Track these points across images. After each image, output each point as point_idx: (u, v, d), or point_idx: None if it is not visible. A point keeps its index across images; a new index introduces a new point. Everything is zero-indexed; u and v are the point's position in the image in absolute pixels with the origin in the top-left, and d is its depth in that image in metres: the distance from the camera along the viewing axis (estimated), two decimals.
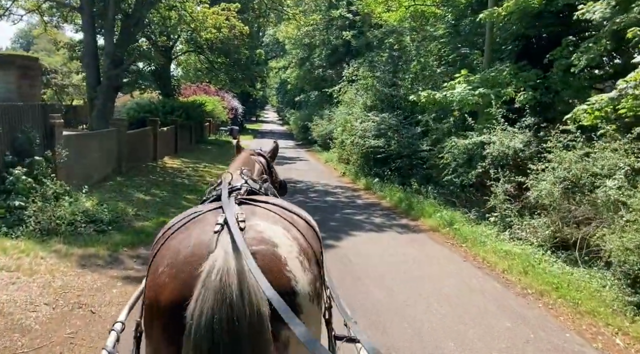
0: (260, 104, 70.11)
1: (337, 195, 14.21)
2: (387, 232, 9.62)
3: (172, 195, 12.05)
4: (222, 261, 1.59)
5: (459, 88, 11.76)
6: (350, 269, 7.07)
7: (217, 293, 1.53)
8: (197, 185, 14.05)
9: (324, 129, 28.52)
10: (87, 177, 11.11)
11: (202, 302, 1.53)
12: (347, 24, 32.67)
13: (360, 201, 13.19)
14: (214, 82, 34.90)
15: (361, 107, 18.09)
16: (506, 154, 9.98)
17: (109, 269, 6.62)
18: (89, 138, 11.93)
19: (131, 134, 15.38)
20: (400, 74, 16.44)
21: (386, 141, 15.35)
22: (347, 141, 17.76)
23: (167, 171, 16.10)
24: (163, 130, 19.76)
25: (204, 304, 1.53)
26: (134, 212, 9.60)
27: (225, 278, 1.55)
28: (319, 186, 15.91)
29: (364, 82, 18.50)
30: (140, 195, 11.32)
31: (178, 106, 23.90)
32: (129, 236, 8.12)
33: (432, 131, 13.31)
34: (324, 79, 35.55)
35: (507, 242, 8.32)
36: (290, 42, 38.90)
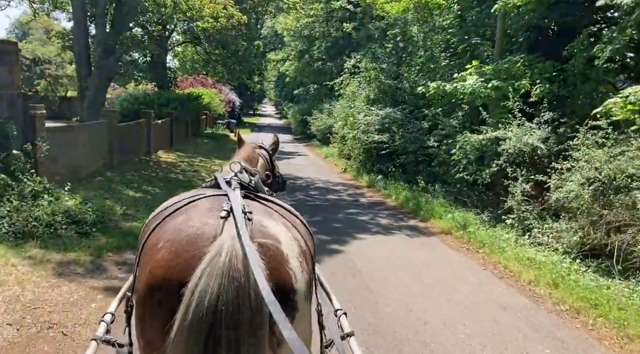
0: (258, 97, 69.27)
1: (339, 193, 13.49)
2: (395, 235, 8.91)
3: (164, 192, 11.29)
4: (230, 245, 1.55)
5: (471, 80, 11.04)
6: (359, 279, 6.37)
7: (226, 274, 1.47)
8: (192, 181, 13.32)
9: (324, 123, 27.79)
10: (74, 173, 10.36)
11: (208, 280, 1.47)
12: (347, 15, 31.85)
13: (364, 200, 12.48)
14: (211, 74, 34.06)
15: (364, 100, 17.34)
16: (523, 151, 9.29)
17: (89, 279, 5.90)
18: (76, 130, 11.17)
19: (123, 127, 14.61)
20: (405, 66, 15.68)
21: (390, 136, 14.63)
22: (348, 136, 17.03)
23: (161, 166, 15.35)
24: (158, 123, 18.99)
25: (211, 282, 1.46)
26: (122, 212, 8.87)
27: (234, 261, 1.50)
28: (320, 183, 15.19)
29: (366, 75, 17.75)
30: (131, 192, 10.58)
31: (174, 98, 23.12)
32: (115, 238, 7.40)
33: (441, 125, 12.58)
34: (323, 72, 34.75)
35: (528, 247, 7.63)
36: (289, 34, 38.06)
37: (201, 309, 1.44)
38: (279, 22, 37.17)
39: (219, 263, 1.50)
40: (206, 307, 1.44)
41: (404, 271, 6.76)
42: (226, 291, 1.46)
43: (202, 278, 1.48)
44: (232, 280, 1.47)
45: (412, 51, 15.50)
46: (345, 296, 5.54)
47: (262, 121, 56.91)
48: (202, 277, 1.48)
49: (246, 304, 1.47)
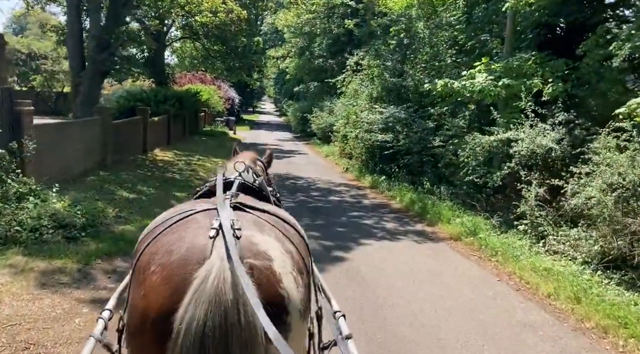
0: (258, 94, 68.84)
1: (341, 194, 13.05)
2: (402, 240, 8.47)
3: (160, 192, 10.85)
4: (219, 269, 1.52)
5: (480, 78, 10.61)
6: (366, 289, 5.93)
7: (212, 300, 1.46)
8: (189, 181, 12.86)
9: (324, 121, 27.33)
10: (64, 173, 9.92)
11: (194, 307, 1.46)
12: (348, 12, 31.35)
13: (368, 202, 12.03)
14: (210, 71, 33.60)
15: (366, 98, 16.89)
16: (536, 154, 8.85)
17: (75, 290, 5.45)
18: (66, 128, 10.70)
19: (118, 124, 14.14)
20: (409, 63, 15.22)
21: (394, 135, 14.18)
22: (350, 135, 16.57)
23: (157, 165, 14.89)
24: (154, 120, 18.51)
25: (197, 309, 1.46)
26: (114, 214, 8.41)
27: (221, 286, 1.48)
28: (321, 183, 14.75)
29: (369, 72, 17.29)
30: (124, 193, 10.12)
31: (171, 94, 22.62)
32: (106, 243, 6.94)
33: (447, 125, 12.13)
34: (324, 69, 34.27)
35: (544, 256, 7.19)
36: (289, 31, 37.54)
37: (189, 338, 1.45)
38: (279, 18, 36.63)
39: (206, 289, 1.49)
40: (193, 335, 1.45)
41: (414, 281, 6.32)
42: (212, 318, 1.46)
43: (189, 305, 1.48)
44: (219, 305, 1.47)
45: (416, 48, 15.03)
46: (352, 309, 5.11)
47: (261, 119, 56.47)
48: (190, 304, 1.48)
49: (236, 330, 1.47)
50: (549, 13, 12.03)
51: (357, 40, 30.46)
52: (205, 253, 1.63)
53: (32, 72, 38.33)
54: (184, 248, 1.70)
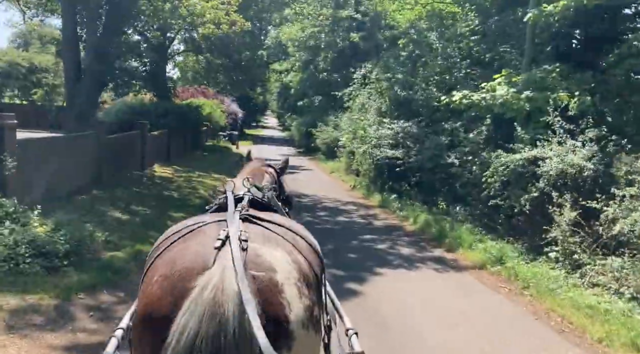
0: (260, 109, 68.30)
1: (350, 214, 12.27)
2: (421, 269, 7.67)
3: (156, 213, 10.09)
4: (218, 279, 1.54)
5: (500, 90, 9.89)
6: (390, 338, 5.11)
7: (207, 310, 1.47)
8: (187, 199, 12.10)
9: (329, 136, 26.63)
10: (52, 192, 9.16)
11: (189, 317, 1.48)
12: (354, 25, 30.86)
13: (379, 223, 11.24)
14: (212, 85, 33.06)
15: (374, 112, 16.17)
16: (565, 173, 8.08)
17: (48, 332, 4.66)
18: (56, 143, 9.97)
19: (115, 139, 13.44)
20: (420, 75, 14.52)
21: (405, 151, 13.42)
22: (358, 151, 15.82)
23: (155, 182, 14.14)
24: (154, 134, 17.83)
25: (191, 319, 1.47)
26: (103, 238, 7.62)
27: (219, 296, 1.49)
28: (328, 202, 13.98)
29: (377, 86, 16.59)
30: (117, 213, 9.35)
31: (172, 108, 22.00)
32: (90, 274, 6.17)
33: (463, 141, 11.38)
34: (328, 83, 33.65)
35: (583, 289, 6.38)
36: (293, 45, 37.01)
37: (178, 349, 1.45)
38: (283, 31, 36.14)
39: (202, 299, 1.49)
40: (182, 346, 1.44)
41: (444, 324, 5.51)
42: (206, 328, 1.45)
43: (184, 315, 1.48)
44: (214, 316, 1.47)
45: (427, 60, 14.34)
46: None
47: (264, 133, 55.93)
48: (185, 314, 1.49)
49: (230, 340, 1.45)
50: (568, 24, 11.39)
51: (363, 54, 29.89)
52: (208, 263, 1.64)
53: (33, 85, 37.86)
54: (188, 258, 1.71)
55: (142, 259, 7.57)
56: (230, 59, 29.52)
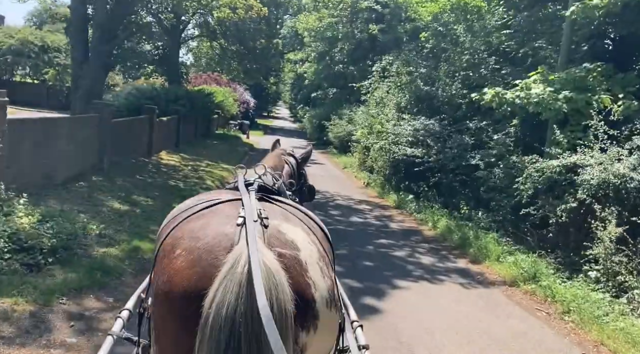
0: (273, 99, 67.57)
1: (364, 214, 11.54)
2: (445, 283, 6.92)
3: (158, 204, 9.41)
4: (246, 256, 1.51)
5: (536, 89, 9.07)
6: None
7: (242, 286, 1.46)
8: (193, 190, 11.38)
9: (343, 130, 25.90)
10: (48, 178, 8.54)
11: (224, 292, 1.46)
12: (373, 17, 29.93)
13: (395, 226, 10.49)
14: (226, 72, 32.34)
15: (393, 107, 15.38)
16: (608, 183, 7.28)
17: (17, 348, 3.99)
18: (55, 124, 9.29)
19: (120, 123, 12.78)
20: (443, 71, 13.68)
21: (425, 150, 12.65)
22: (374, 146, 15.05)
23: (160, 170, 13.48)
24: (162, 120, 17.15)
25: (227, 294, 1.45)
26: (97, 231, 6.96)
27: (250, 274, 1.46)
28: (340, 199, 13.25)
29: (397, 79, 15.78)
30: (116, 203, 8.68)
31: (183, 94, 21.28)
32: (77, 273, 5.50)
33: (490, 142, 10.58)
34: (344, 75, 32.82)
35: (633, 317, 5.61)
36: (309, 35, 36.13)
37: (218, 323, 1.44)
38: (300, 21, 35.27)
39: (235, 274, 1.48)
40: (223, 320, 1.44)
41: (469, 346, 4.79)
42: (244, 303, 1.44)
43: (219, 290, 1.47)
44: (250, 293, 1.44)
45: (452, 54, 13.48)
46: None
47: (275, 124, 55.21)
48: (219, 289, 1.47)
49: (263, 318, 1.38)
50: (608, 21, 10.54)
51: (381, 47, 29.03)
52: (233, 240, 1.63)
53: (45, 65, 37.35)
54: (211, 235, 1.68)
55: (138, 257, 6.92)
56: (244, 46, 28.79)
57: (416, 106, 14.86)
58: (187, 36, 30.99)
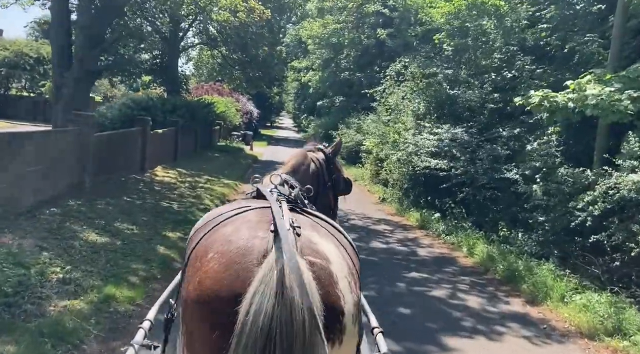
0: (276, 109, 66.39)
1: (385, 237, 10.04)
2: (504, 337, 5.38)
3: (145, 232, 7.94)
4: (281, 263, 1.47)
5: (592, 90, 7.59)
6: None
7: (278, 292, 1.42)
8: (189, 213, 9.94)
9: (351, 139, 24.46)
10: (13, 203, 7.09)
11: (261, 300, 1.42)
12: (380, 22, 28.57)
13: (424, 253, 8.97)
14: (228, 81, 31.02)
15: (410, 114, 13.92)
16: None
17: None
18: (21, 141, 7.83)
19: (106, 137, 11.41)
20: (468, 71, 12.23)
21: (450, 162, 11.16)
22: (392, 157, 13.55)
23: (153, 188, 12.02)
24: (158, 132, 15.79)
25: (264, 301, 1.42)
26: (61, 275, 5.50)
27: (287, 279, 1.44)
28: (355, 218, 11.76)
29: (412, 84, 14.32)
30: (92, 234, 7.20)
31: (181, 104, 19.92)
32: (18, 344, 4.02)
33: (531, 153, 9.08)
34: (350, 83, 31.47)
35: None
36: (313, 42, 34.80)
37: (255, 331, 1.40)
38: (304, 27, 33.96)
39: (272, 281, 1.45)
40: (260, 328, 1.40)
41: None
42: (280, 311, 1.41)
43: (255, 296, 1.44)
44: (286, 300, 1.42)
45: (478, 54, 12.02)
46: None
47: (279, 134, 53.95)
48: (256, 296, 1.44)
49: (299, 325, 1.41)
50: None
51: (389, 53, 27.67)
52: (267, 246, 1.60)
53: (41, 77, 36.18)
54: (245, 239, 1.66)
55: (110, 312, 5.34)
56: (246, 54, 27.47)
57: (436, 112, 13.41)
58: (186, 44, 29.72)
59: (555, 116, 7.56)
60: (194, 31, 28.73)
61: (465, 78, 11.24)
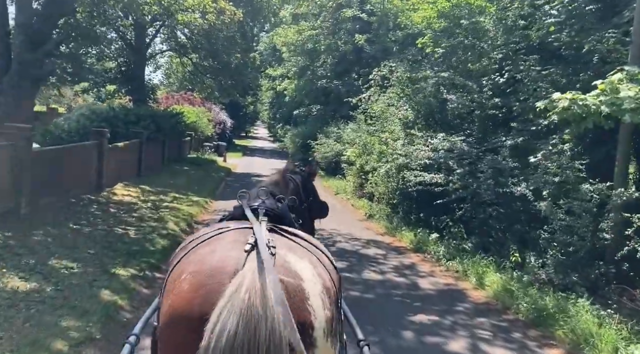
0: (251, 119, 64.83)
1: (378, 264, 8.68)
2: None
3: (89, 271, 6.41)
4: (251, 281, 1.52)
5: (627, 91, 6.41)
6: None
7: (244, 312, 1.46)
8: (148, 241, 8.41)
9: (331, 149, 23.19)
10: None
11: (226, 317, 1.46)
12: (357, 28, 27.45)
13: (427, 284, 7.62)
14: (199, 90, 29.44)
15: (399, 123, 12.66)
16: None
17: None
18: None
19: (50, 152, 9.84)
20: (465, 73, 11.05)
21: (447, 175, 9.92)
22: (379, 170, 12.23)
23: (108, 211, 10.44)
24: (118, 146, 14.20)
25: (229, 320, 1.45)
26: None
27: (253, 298, 1.48)
28: (342, 240, 10.42)
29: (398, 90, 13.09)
30: (15, 279, 5.65)
31: (146, 114, 18.31)
32: None
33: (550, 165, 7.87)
34: (328, 91, 30.26)
35: None
36: (288, 49, 33.49)
37: (220, 348, 1.42)
38: (278, 34, 32.66)
39: (237, 300, 1.48)
40: (223, 345, 1.42)
41: None
42: (244, 329, 1.44)
43: (221, 315, 1.47)
44: (251, 318, 1.45)
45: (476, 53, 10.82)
46: None
47: (254, 144, 52.53)
48: (222, 314, 1.47)
49: (263, 343, 1.43)
50: None
51: (367, 59, 26.59)
52: (238, 265, 1.64)
53: None
54: (216, 259, 1.72)
55: None
56: (218, 61, 25.99)
57: (425, 120, 12.20)
58: (154, 52, 28.10)
59: (585, 122, 6.33)
60: (161, 37, 27.18)
61: (462, 81, 9.99)
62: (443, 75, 10.39)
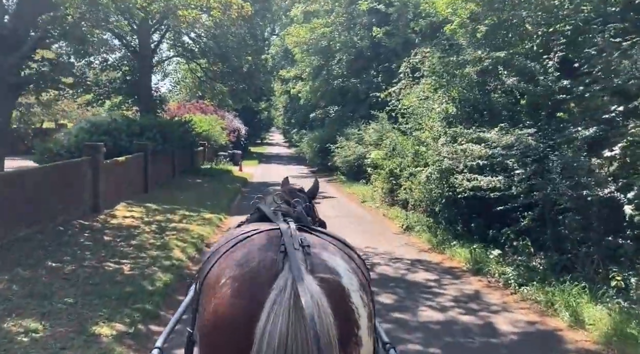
0: (265, 125, 63.45)
1: (435, 296, 6.87)
2: None
3: (61, 332, 4.77)
4: (292, 283, 1.54)
5: None
6: None
7: (291, 313, 1.48)
8: (145, 278, 6.74)
9: (352, 152, 21.48)
10: None
11: (275, 320, 1.48)
12: (374, 20, 25.68)
13: (508, 328, 5.76)
14: (210, 96, 27.97)
15: (436, 118, 10.86)
16: None
17: None
18: None
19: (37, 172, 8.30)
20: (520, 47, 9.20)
21: (506, 178, 8.09)
22: (420, 176, 10.41)
23: (102, 239, 8.82)
24: (118, 161, 12.68)
25: (278, 322, 1.48)
26: None
27: (299, 298, 1.49)
28: (381, 262, 8.66)
29: (435, 79, 11.27)
30: None
31: (151, 125, 16.79)
32: None
33: None
34: (345, 90, 28.54)
35: None
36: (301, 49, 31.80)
37: (273, 349, 1.44)
38: (290, 33, 30.98)
39: (284, 301, 1.50)
40: (276, 348, 1.43)
41: None
42: (294, 330, 1.45)
43: (270, 316, 1.48)
44: (299, 318, 1.46)
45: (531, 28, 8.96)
46: None
47: (270, 151, 51.08)
48: (270, 316, 1.49)
49: (315, 342, 1.43)
50: None
51: (387, 54, 24.83)
52: (278, 267, 1.65)
53: None
54: (255, 263, 1.71)
55: None
56: (228, 65, 24.48)
57: (468, 114, 10.36)
58: (160, 59, 26.70)
59: None
60: (167, 44, 25.78)
61: (522, 61, 8.14)
62: (499, 55, 8.54)
